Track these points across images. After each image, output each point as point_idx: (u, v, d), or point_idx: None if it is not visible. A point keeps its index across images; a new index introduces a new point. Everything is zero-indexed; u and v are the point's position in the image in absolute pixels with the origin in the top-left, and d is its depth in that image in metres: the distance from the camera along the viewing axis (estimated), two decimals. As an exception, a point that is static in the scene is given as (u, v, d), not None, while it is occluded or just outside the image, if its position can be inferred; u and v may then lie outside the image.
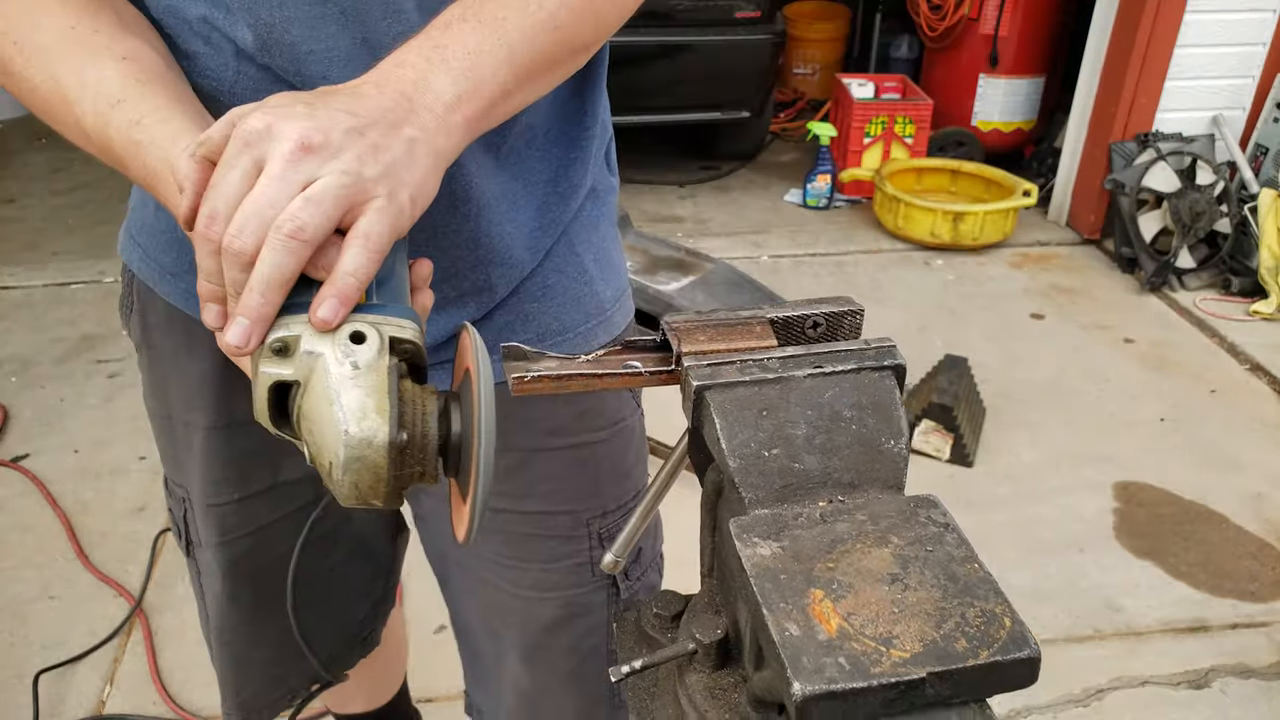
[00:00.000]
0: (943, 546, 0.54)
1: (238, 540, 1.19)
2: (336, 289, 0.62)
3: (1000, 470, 3.03)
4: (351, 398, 0.60)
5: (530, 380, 0.66)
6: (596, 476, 1.12)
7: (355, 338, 0.62)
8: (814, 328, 0.69)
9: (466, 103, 0.72)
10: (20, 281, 4.02)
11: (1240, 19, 4.19)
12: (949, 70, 5.14)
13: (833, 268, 4.32)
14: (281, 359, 0.63)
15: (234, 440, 1.11)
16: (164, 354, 1.11)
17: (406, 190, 0.67)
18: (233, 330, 0.63)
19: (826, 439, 0.61)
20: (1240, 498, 2.93)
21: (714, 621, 0.65)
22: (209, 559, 1.22)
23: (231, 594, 1.24)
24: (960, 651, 0.48)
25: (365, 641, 1.41)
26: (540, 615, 1.17)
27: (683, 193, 5.07)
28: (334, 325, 0.62)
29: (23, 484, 2.86)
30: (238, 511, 1.17)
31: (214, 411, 1.09)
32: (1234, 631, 2.47)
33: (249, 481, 1.15)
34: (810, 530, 0.55)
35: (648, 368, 0.68)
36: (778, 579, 0.51)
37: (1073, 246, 4.57)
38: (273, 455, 1.13)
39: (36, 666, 2.24)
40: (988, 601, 0.51)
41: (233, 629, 1.29)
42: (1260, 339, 3.80)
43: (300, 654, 1.32)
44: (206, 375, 1.07)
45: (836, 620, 0.49)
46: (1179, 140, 4.24)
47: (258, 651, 1.32)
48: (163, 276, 1.04)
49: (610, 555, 0.79)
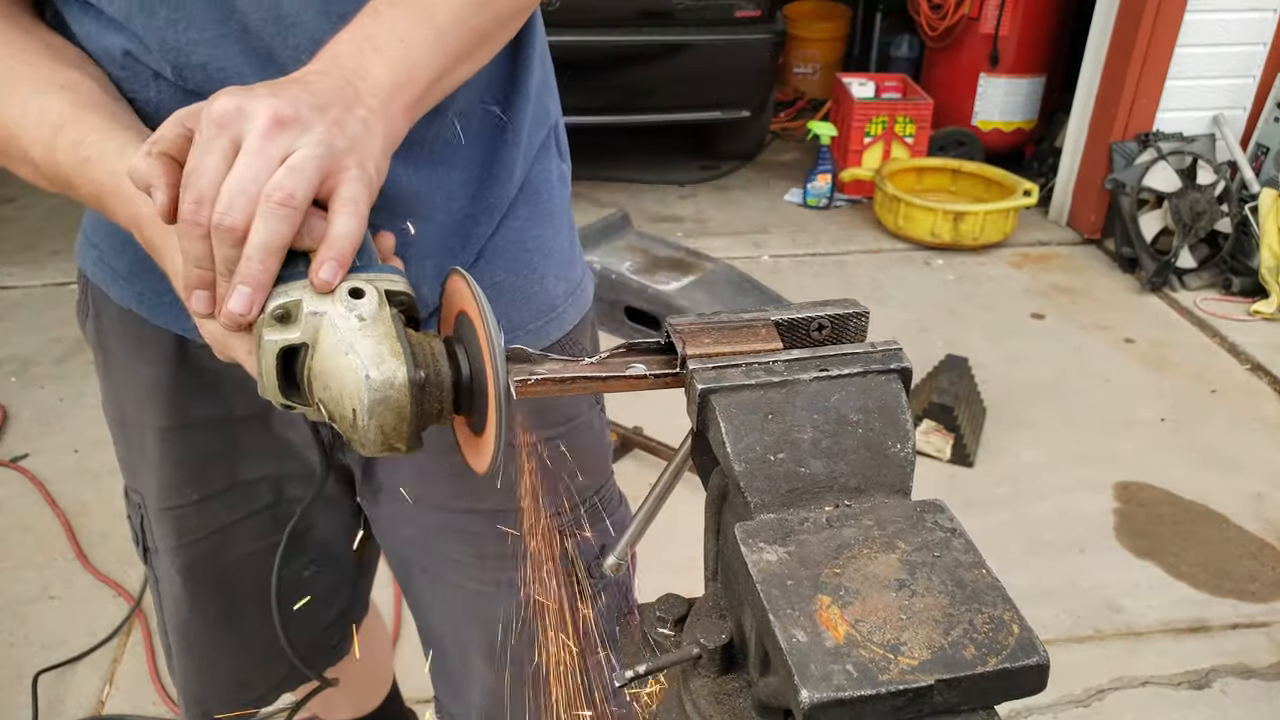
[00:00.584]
0: (950, 552, 0.54)
1: (196, 543, 1.18)
2: (334, 251, 0.65)
3: (1000, 470, 3.03)
4: (365, 346, 0.63)
5: (534, 383, 0.66)
6: (552, 473, 1.11)
7: (354, 293, 0.65)
8: (819, 330, 0.68)
9: (404, 90, 0.75)
10: (19, 281, 4.02)
11: (1240, 19, 4.19)
12: (949, 70, 5.14)
13: (833, 267, 4.31)
14: (285, 325, 0.65)
15: (189, 441, 1.11)
16: (118, 358, 1.11)
17: (371, 162, 0.70)
18: (235, 299, 0.64)
19: (832, 443, 0.61)
20: (1240, 498, 2.93)
21: (719, 626, 0.64)
22: (166, 565, 1.21)
23: (191, 598, 1.22)
24: (969, 659, 0.48)
25: (335, 649, 1.39)
26: (499, 613, 1.16)
27: (683, 192, 5.06)
28: (334, 285, 0.65)
29: (22, 484, 2.86)
30: (197, 513, 1.16)
31: (167, 414, 1.09)
32: (1234, 631, 2.47)
33: (206, 482, 1.14)
34: (816, 535, 0.55)
35: (652, 370, 0.67)
36: (784, 585, 0.51)
37: (1073, 246, 4.57)
38: (230, 456, 1.13)
39: (36, 666, 2.23)
40: (996, 608, 0.50)
41: (195, 634, 1.27)
42: (1260, 339, 3.80)
43: (265, 658, 1.30)
44: (159, 379, 1.07)
45: (844, 627, 0.48)
46: (1179, 140, 4.24)
47: (220, 656, 1.30)
48: (115, 280, 1.04)
49: (612, 558, 0.78)
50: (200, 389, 1.07)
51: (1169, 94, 4.27)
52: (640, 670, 0.62)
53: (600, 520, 1.17)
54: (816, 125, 4.74)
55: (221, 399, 1.08)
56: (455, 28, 0.79)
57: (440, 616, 1.25)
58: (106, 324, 1.09)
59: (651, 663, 0.63)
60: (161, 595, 1.27)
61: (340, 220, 0.66)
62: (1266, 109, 4.30)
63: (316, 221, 0.66)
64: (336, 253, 0.65)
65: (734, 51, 4.69)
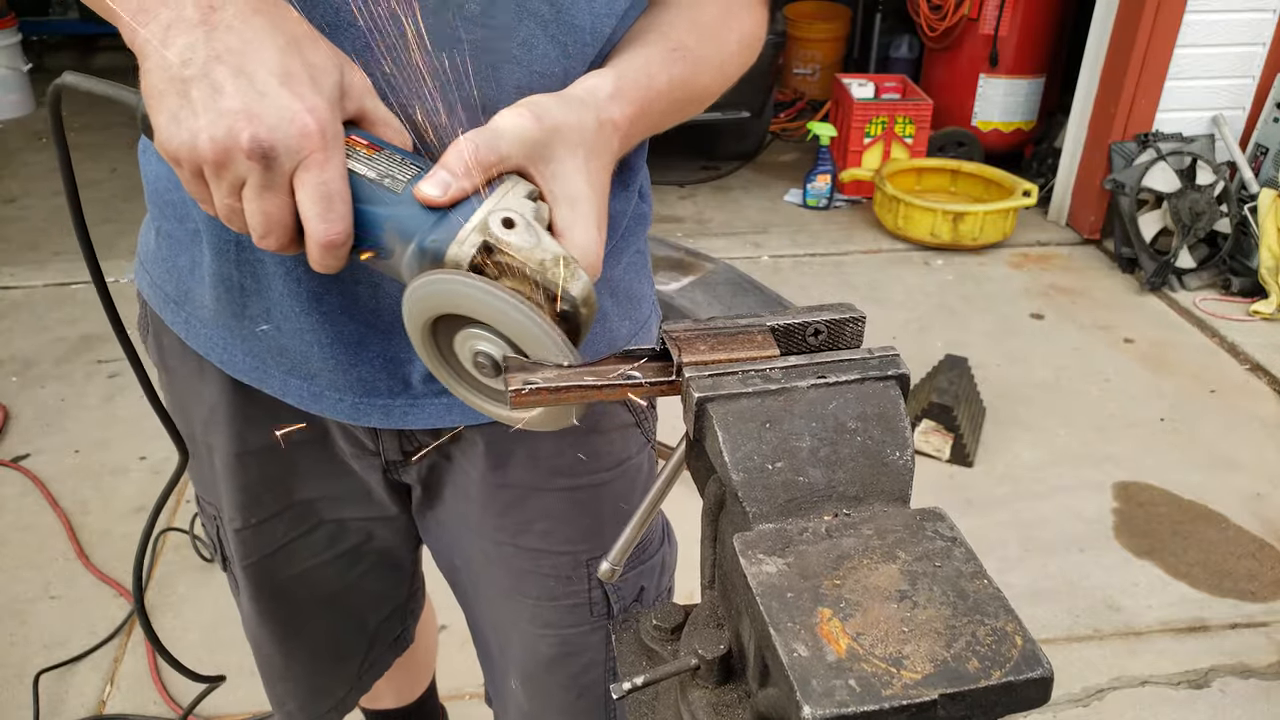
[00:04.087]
0: (951, 561, 0.54)
1: (260, 561, 1.19)
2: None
3: (1000, 470, 3.03)
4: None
5: (529, 394, 0.65)
6: (599, 518, 1.10)
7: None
8: (815, 335, 0.68)
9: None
10: (21, 281, 4.02)
11: (1240, 19, 4.18)
12: (949, 70, 5.13)
13: (833, 268, 4.31)
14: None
15: (250, 466, 1.11)
16: (180, 377, 1.10)
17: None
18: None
19: (831, 451, 0.60)
20: (1240, 498, 2.93)
21: (717, 636, 0.64)
22: (240, 576, 1.23)
23: (260, 612, 1.25)
24: (972, 672, 0.47)
25: (398, 641, 1.41)
26: (537, 649, 1.16)
27: (683, 193, 5.06)
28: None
29: (23, 484, 2.86)
30: (256, 535, 1.17)
31: (230, 439, 1.09)
32: (1234, 631, 2.47)
33: (266, 505, 1.15)
34: (816, 546, 0.54)
35: (647, 378, 0.66)
36: (784, 597, 0.50)
37: (1073, 246, 4.56)
38: (288, 479, 1.13)
39: (37, 666, 2.24)
40: (998, 619, 0.50)
41: (268, 643, 1.30)
42: (1260, 339, 3.80)
43: (337, 663, 1.33)
44: (218, 404, 1.07)
45: (845, 640, 0.48)
46: (1179, 140, 4.24)
47: (293, 665, 1.32)
48: (166, 304, 1.04)
49: (606, 564, 0.77)
50: (260, 417, 1.06)
51: (1168, 94, 4.26)
52: (638, 681, 0.61)
53: (640, 563, 1.16)
54: (816, 126, 4.73)
55: (281, 424, 1.06)
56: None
57: (485, 622, 1.25)
58: (167, 342, 1.09)
59: (650, 673, 0.62)
60: (240, 606, 1.29)
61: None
62: (1266, 109, 4.30)
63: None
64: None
65: (734, 51, 4.68)
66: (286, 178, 0.67)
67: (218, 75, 0.65)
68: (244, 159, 0.65)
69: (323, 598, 1.25)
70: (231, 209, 0.69)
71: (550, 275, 0.68)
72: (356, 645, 1.35)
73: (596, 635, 1.15)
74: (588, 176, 0.74)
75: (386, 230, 0.70)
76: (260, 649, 1.32)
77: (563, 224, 0.72)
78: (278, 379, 0.99)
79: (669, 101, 0.85)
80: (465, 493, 1.10)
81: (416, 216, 0.69)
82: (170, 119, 0.66)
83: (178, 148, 0.67)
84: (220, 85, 0.65)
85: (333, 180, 0.67)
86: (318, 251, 0.69)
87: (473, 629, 1.31)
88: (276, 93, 0.65)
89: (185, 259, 0.98)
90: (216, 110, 0.65)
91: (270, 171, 0.66)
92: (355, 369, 0.96)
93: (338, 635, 1.32)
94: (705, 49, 0.88)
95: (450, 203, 0.69)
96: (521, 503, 1.08)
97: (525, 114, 0.72)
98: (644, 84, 0.81)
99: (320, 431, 1.07)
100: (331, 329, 0.93)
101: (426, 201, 0.69)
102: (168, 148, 0.67)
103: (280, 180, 0.67)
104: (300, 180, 0.67)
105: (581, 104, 0.76)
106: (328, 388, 0.98)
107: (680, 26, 0.87)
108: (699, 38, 0.88)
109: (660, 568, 1.19)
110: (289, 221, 0.69)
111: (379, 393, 0.97)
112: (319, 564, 1.21)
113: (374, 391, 0.97)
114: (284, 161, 0.66)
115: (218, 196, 0.69)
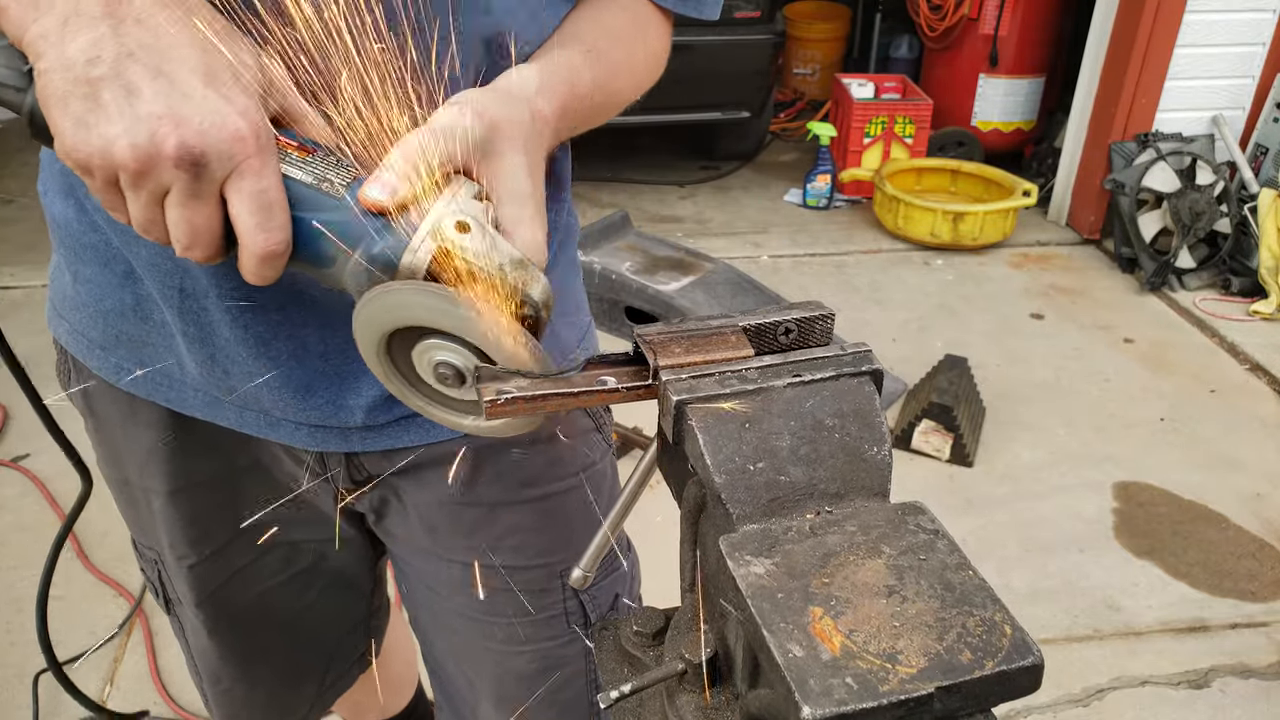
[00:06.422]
0: (935, 554, 0.54)
1: (216, 592, 1.17)
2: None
3: (1000, 470, 3.03)
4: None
5: (504, 403, 0.63)
6: (569, 526, 1.08)
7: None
8: (786, 334, 0.67)
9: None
10: (20, 281, 4.02)
11: (1240, 19, 4.18)
12: (949, 70, 5.14)
13: (833, 268, 4.31)
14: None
15: (195, 500, 1.09)
16: (110, 423, 1.08)
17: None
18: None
19: (811, 449, 0.60)
20: (1240, 498, 2.93)
21: (701, 639, 0.63)
22: (191, 616, 1.20)
23: (219, 644, 1.22)
24: (966, 663, 0.47)
25: (362, 659, 1.39)
26: (514, 667, 1.14)
27: (683, 193, 5.06)
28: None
29: (23, 484, 2.86)
30: (211, 566, 1.15)
31: (170, 477, 1.07)
32: (1234, 631, 2.47)
33: (213, 537, 1.13)
34: (801, 544, 0.54)
35: (623, 383, 0.65)
36: (775, 598, 0.50)
37: (1072, 246, 4.56)
38: (235, 506, 1.10)
39: (36, 666, 2.23)
40: (986, 610, 0.50)
41: (230, 677, 1.27)
42: (1260, 339, 3.80)
43: (299, 683, 1.31)
44: (155, 444, 1.04)
45: (839, 638, 0.48)
46: (1179, 140, 4.24)
47: (256, 693, 1.30)
48: (91, 350, 1.01)
49: (578, 570, 0.76)
50: (200, 449, 1.04)
51: (1168, 94, 4.27)
52: (625, 690, 0.60)
53: (612, 571, 1.15)
54: (816, 126, 4.73)
55: (223, 453, 1.05)
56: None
57: (448, 655, 1.23)
58: (93, 389, 1.05)
59: (636, 681, 0.61)
60: (190, 645, 1.26)
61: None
62: (1265, 109, 4.30)
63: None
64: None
65: (734, 52, 4.69)
66: (217, 186, 0.62)
67: (132, 75, 0.59)
68: (170, 167, 0.60)
69: (281, 621, 1.23)
70: (150, 220, 0.64)
71: (511, 280, 0.65)
72: (316, 664, 1.33)
73: (574, 647, 1.14)
74: (529, 171, 0.72)
75: (326, 238, 0.65)
76: (219, 683, 1.28)
77: (509, 222, 0.69)
78: (232, 411, 0.99)
79: (590, 104, 0.84)
80: (426, 523, 1.08)
81: (359, 223, 0.65)
82: (77, 124, 0.60)
83: (88, 156, 0.61)
84: (136, 86, 0.59)
85: (271, 188, 0.63)
86: (254, 263, 0.65)
87: (431, 664, 1.28)
88: (202, 94, 0.60)
89: (112, 302, 0.95)
90: (134, 114, 0.59)
91: (199, 180, 0.61)
92: (305, 412, 0.96)
93: (297, 657, 1.29)
94: (617, 54, 0.88)
95: (397, 207, 0.64)
96: (490, 519, 1.06)
97: (465, 111, 0.68)
98: (568, 79, 0.80)
99: (269, 456, 1.06)
100: (280, 374, 0.92)
101: (372, 206, 0.64)
102: (76, 156, 0.61)
103: (209, 189, 0.62)
104: (234, 188, 0.62)
105: (514, 98, 0.74)
106: (282, 419, 0.98)
107: (594, 32, 0.87)
108: (611, 43, 0.88)
109: (631, 576, 1.18)
110: (217, 231, 0.64)
111: (331, 427, 0.98)
112: (275, 585, 1.19)
113: (327, 425, 0.98)
114: (215, 169, 0.61)
115: (134, 207, 0.64)
